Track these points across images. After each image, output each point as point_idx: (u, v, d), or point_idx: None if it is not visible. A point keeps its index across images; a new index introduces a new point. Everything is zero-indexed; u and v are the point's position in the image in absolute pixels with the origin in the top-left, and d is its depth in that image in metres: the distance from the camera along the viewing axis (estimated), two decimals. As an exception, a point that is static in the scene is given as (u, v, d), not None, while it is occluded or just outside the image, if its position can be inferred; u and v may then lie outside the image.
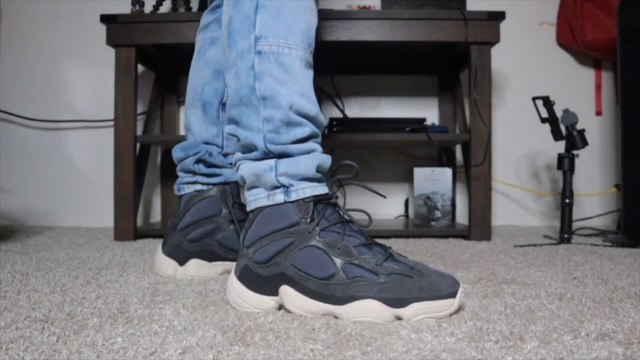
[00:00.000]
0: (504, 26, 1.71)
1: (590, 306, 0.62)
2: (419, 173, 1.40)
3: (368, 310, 0.56)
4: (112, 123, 1.71)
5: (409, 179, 1.56)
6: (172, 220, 0.86)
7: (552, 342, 0.49)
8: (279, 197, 0.63)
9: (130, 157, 1.32)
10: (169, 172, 1.69)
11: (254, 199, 0.65)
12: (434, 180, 1.40)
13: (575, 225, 1.65)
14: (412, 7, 1.49)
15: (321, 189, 0.64)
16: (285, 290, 0.60)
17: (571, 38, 1.67)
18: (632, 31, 1.21)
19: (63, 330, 0.52)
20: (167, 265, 0.84)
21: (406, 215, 1.67)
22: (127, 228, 1.32)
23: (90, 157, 1.73)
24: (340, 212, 0.65)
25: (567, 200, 1.25)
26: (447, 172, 1.40)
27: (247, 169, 0.65)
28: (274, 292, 0.61)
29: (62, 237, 1.35)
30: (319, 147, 0.67)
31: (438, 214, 1.40)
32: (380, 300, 0.56)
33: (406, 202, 1.68)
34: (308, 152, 0.65)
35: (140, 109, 1.68)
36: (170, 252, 0.84)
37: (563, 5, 1.70)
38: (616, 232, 1.39)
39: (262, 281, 0.62)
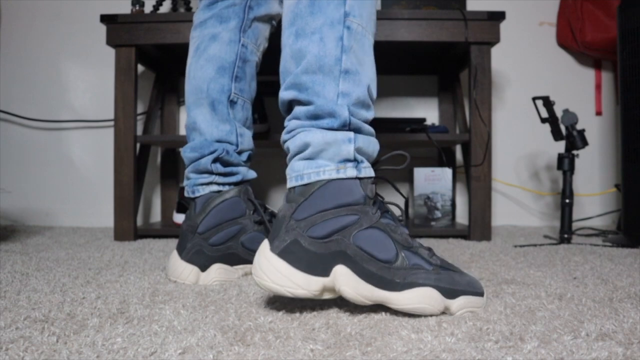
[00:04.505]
0: (504, 26, 1.71)
1: (590, 306, 0.62)
2: (419, 173, 1.40)
3: (427, 297, 0.57)
4: (112, 123, 1.71)
5: (409, 179, 1.56)
6: (188, 224, 0.81)
7: (552, 342, 0.49)
8: (351, 171, 0.61)
9: (130, 157, 1.32)
10: (169, 172, 1.69)
11: (316, 170, 0.61)
12: (434, 180, 1.40)
13: (575, 225, 1.65)
14: (412, 7, 1.49)
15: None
16: (342, 271, 0.58)
17: (571, 38, 1.67)
18: (632, 31, 1.21)
19: (63, 330, 0.52)
20: (188, 271, 0.79)
21: (406, 216, 1.67)
22: (127, 228, 1.32)
23: (90, 157, 1.73)
24: (384, 201, 0.64)
25: (567, 200, 1.25)
26: (447, 172, 1.40)
27: (319, 136, 0.61)
28: (325, 272, 0.58)
29: (62, 237, 1.35)
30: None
31: (438, 214, 1.40)
32: (438, 289, 0.58)
33: (406, 202, 1.68)
34: (373, 135, 0.65)
35: (140, 109, 1.68)
36: (191, 258, 0.79)
37: (563, 5, 1.70)
38: (616, 232, 1.39)
39: (314, 259, 0.58)
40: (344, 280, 0.57)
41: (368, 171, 0.62)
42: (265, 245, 0.60)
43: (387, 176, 0.67)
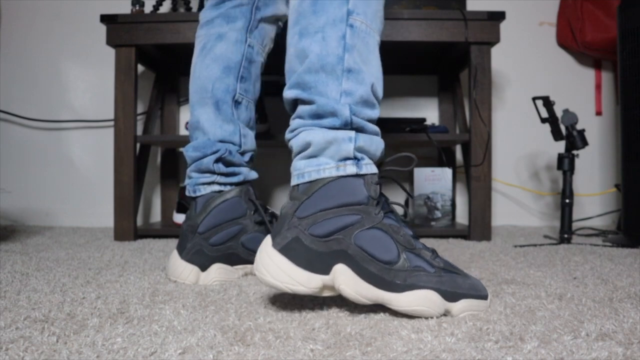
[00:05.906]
0: (504, 26, 1.71)
1: (590, 306, 0.62)
2: (419, 173, 1.40)
3: (427, 299, 0.57)
4: (112, 123, 1.71)
5: (409, 179, 1.56)
6: (188, 224, 0.81)
7: (552, 342, 0.49)
8: (351, 168, 0.61)
9: (130, 157, 1.32)
10: (169, 172, 1.69)
11: (317, 169, 0.61)
12: (434, 180, 1.40)
13: (575, 225, 1.65)
14: (412, 7, 1.49)
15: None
16: (342, 270, 0.58)
17: (571, 38, 1.67)
18: (632, 31, 1.21)
19: (63, 330, 0.52)
20: (188, 271, 0.78)
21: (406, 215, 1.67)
22: (127, 228, 1.32)
23: (90, 157, 1.73)
24: (388, 201, 0.64)
25: (567, 200, 1.25)
26: (447, 172, 1.40)
27: (320, 135, 0.61)
28: (325, 270, 0.58)
29: (62, 237, 1.35)
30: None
31: (438, 214, 1.40)
32: (439, 292, 0.57)
33: (406, 202, 1.68)
34: (377, 134, 0.65)
35: (140, 109, 1.68)
36: (191, 258, 0.79)
37: (563, 5, 1.70)
38: (616, 232, 1.39)
39: (314, 257, 0.58)
40: (344, 279, 0.57)
41: (370, 168, 0.62)
42: (267, 241, 0.61)
43: (392, 175, 0.66)
